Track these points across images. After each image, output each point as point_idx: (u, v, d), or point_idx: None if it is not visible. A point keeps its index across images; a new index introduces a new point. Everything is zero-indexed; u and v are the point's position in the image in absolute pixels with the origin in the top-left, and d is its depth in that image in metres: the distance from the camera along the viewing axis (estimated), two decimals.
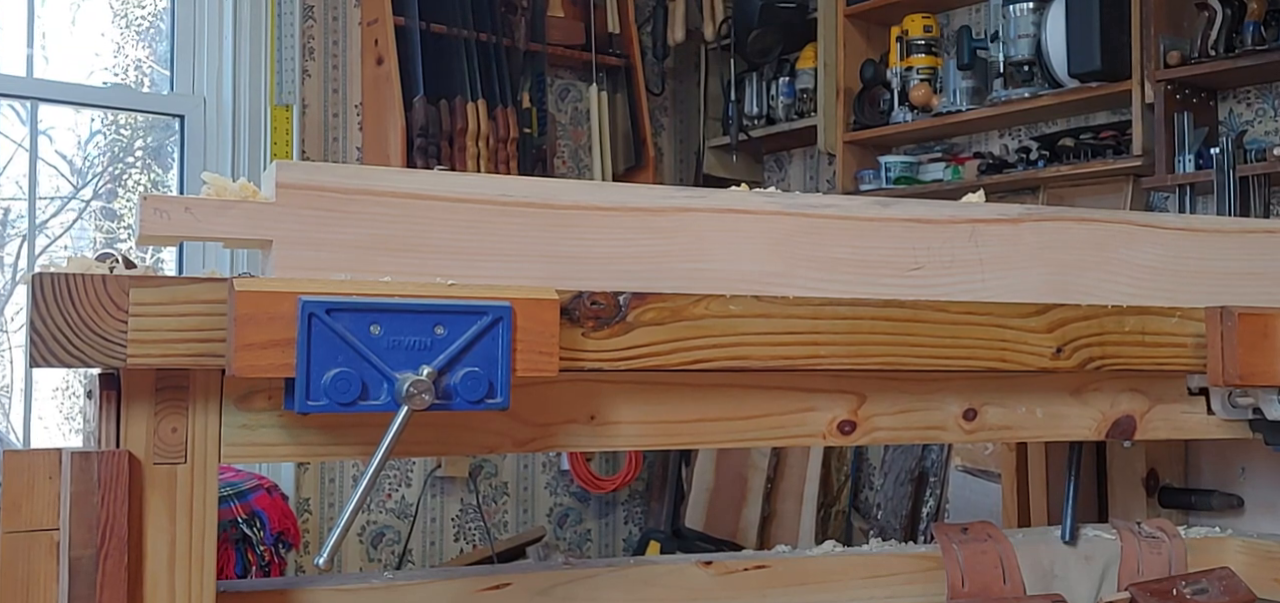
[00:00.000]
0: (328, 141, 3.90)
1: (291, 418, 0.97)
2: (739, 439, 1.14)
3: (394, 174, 1.02)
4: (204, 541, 0.95)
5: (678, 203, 1.13)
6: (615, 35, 4.34)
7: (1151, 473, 1.54)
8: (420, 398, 0.91)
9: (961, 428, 1.22)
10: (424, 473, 4.06)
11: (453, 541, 4.14)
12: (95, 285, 0.88)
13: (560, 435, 1.07)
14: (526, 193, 1.07)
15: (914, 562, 1.31)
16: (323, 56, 3.91)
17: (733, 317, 1.06)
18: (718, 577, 1.23)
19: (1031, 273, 1.26)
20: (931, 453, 3.79)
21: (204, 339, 0.90)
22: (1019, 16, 3.56)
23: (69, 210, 3.95)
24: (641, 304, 1.03)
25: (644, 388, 1.09)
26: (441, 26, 3.87)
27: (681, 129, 4.77)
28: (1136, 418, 1.30)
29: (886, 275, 1.20)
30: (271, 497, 2.98)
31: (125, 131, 4.05)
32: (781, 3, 4.25)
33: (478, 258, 1.04)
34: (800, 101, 4.34)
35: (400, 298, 0.93)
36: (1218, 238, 1.37)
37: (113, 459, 0.90)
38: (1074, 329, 1.19)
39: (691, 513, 4.30)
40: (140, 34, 4.03)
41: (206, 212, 0.96)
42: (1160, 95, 3.27)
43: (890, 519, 3.81)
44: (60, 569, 0.93)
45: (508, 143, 3.93)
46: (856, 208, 1.21)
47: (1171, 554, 1.38)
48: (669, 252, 1.11)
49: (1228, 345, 1.24)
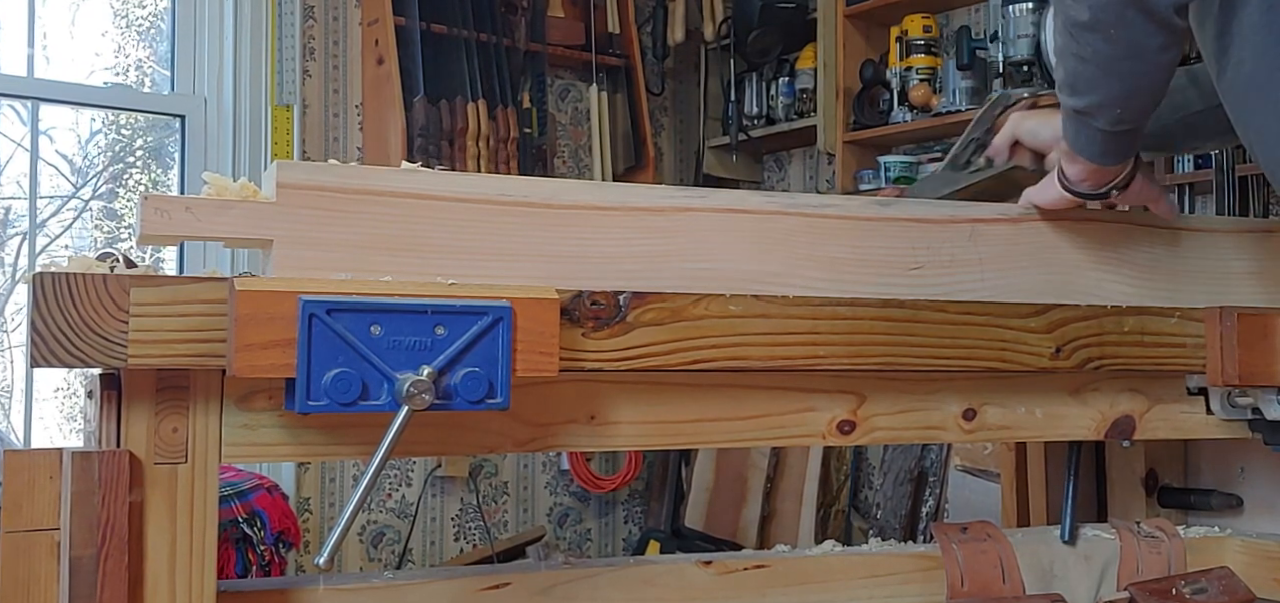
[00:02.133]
0: (328, 142, 3.90)
1: (292, 418, 0.97)
2: (739, 439, 1.14)
3: (394, 174, 1.03)
4: (204, 540, 0.96)
5: (678, 203, 1.13)
6: (615, 35, 4.34)
7: (1151, 473, 1.55)
8: (420, 398, 0.91)
9: (961, 428, 1.23)
10: (424, 473, 4.07)
11: (453, 540, 4.14)
12: (96, 285, 0.88)
13: (560, 435, 1.07)
14: (526, 193, 1.07)
15: (913, 561, 1.31)
16: (323, 57, 3.91)
17: (733, 316, 1.06)
18: (717, 576, 1.23)
19: (1031, 273, 1.26)
20: (931, 453, 3.79)
21: (204, 339, 0.90)
22: (1018, 16, 3.56)
23: (69, 210, 3.95)
24: (641, 304, 1.03)
25: (644, 388, 1.09)
26: (442, 27, 3.87)
27: (681, 129, 4.77)
28: (1136, 418, 1.30)
29: (886, 275, 1.20)
30: (272, 496, 2.98)
31: (126, 131, 4.05)
32: (781, 3, 4.25)
33: (478, 258, 1.04)
34: (800, 102, 4.34)
35: (400, 298, 0.93)
36: (1217, 238, 1.37)
37: (113, 459, 0.91)
38: (1073, 329, 1.20)
39: (691, 513, 4.30)
40: (141, 34, 4.03)
41: (207, 212, 0.96)
42: None
43: (889, 519, 3.81)
44: (61, 569, 0.94)
45: (508, 143, 3.93)
46: (856, 208, 1.21)
47: (1171, 554, 1.38)
48: (669, 252, 1.11)
49: (1227, 345, 1.24)
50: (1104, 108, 1.18)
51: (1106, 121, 1.19)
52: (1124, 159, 1.25)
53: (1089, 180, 1.25)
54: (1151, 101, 1.21)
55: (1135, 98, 1.19)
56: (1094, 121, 1.20)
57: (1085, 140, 1.22)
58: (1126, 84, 1.17)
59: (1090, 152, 1.22)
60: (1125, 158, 1.25)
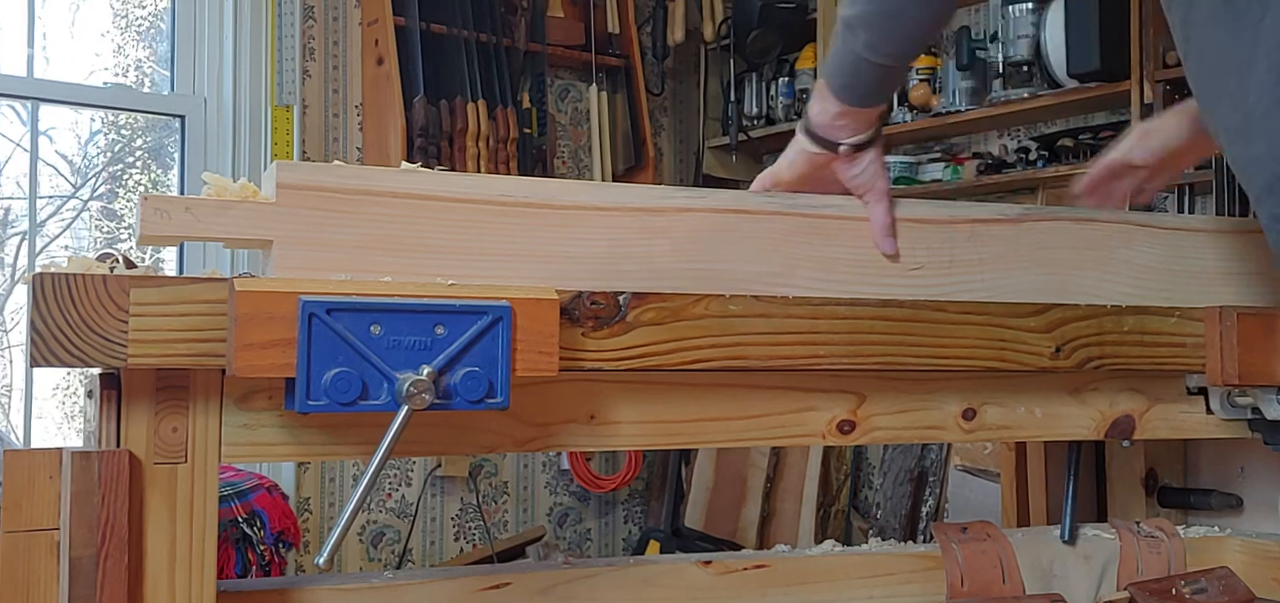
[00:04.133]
0: (328, 142, 3.90)
1: (292, 418, 0.97)
2: (739, 439, 1.14)
3: (394, 174, 1.03)
4: (204, 540, 0.96)
5: (678, 203, 1.13)
6: (615, 35, 4.34)
7: (1150, 473, 1.55)
8: (420, 398, 0.91)
9: (960, 428, 1.23)
10: (424, 473, 4.07)
11: (453, 540, 4.14)
12: (96, 285, 0.88)
13: (560, 435, 1.07)
14: (526, 193, 1.07)
15: (913, 561, 1.31)
16: (323, 57, 3.91)
17: (732, 317, 1.06)
18: (717, 576, 1.23)
19: (1031, 273, 1.26)
20: (931, 453, 3.79)
21: (204, 339, 0.90)
22: (1018, 17, 3.56)
23: (68, 210, 3.95)
24: (641, 304, 1.03)
25: (643, 388, 1.09)
26: (441, 27, 3.87)
27: (681, 129, 4.77)
28: (1135, 418, 1.30)
29: (886, 275, 1.20)
30: (272, 496, 2.98)
31: (125, 132, 4.05)
32: (781, 3, 4.25)
33: (477, 258, 1.04)
34: (800, 102, 4.34)
35: (400, 298, 0.93)
36: (1217, 238, 1.37)
37: (113, 459, 0.91)
38: (1073, 329, 1.20)
39: (691, 513, 4.30)
40: (140, 34, 4.03)
41: (207, 212, 0.96)
42: (1159, 96, 3.26)
43: (889, 519, 3.81)
44: (60, 569, 0.94)
45: (508, 143, 3.93)
46: (856, 208, 1.21)
47: (1171, 554, 1.38)
48: (669, 252, 1.11)
49: (1226, 345, 1.24)
50: (867, 23, 1.14)
51: (866, 41, 1.15)
52: (867, 101, 1.19)
53: (827, 123, 1.21)
54: (915, 31, 1.17)
55: (902, 18, 1.15)
56: (854, 39, 1.16)
57: (838, 64, 1.18)
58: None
59: (840, 76, 1.18)
60: (868, 99, 1.19)
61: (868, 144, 1.21)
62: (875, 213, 1.20)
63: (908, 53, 1.19)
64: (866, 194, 1.21)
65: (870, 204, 1.21)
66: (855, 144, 1.21)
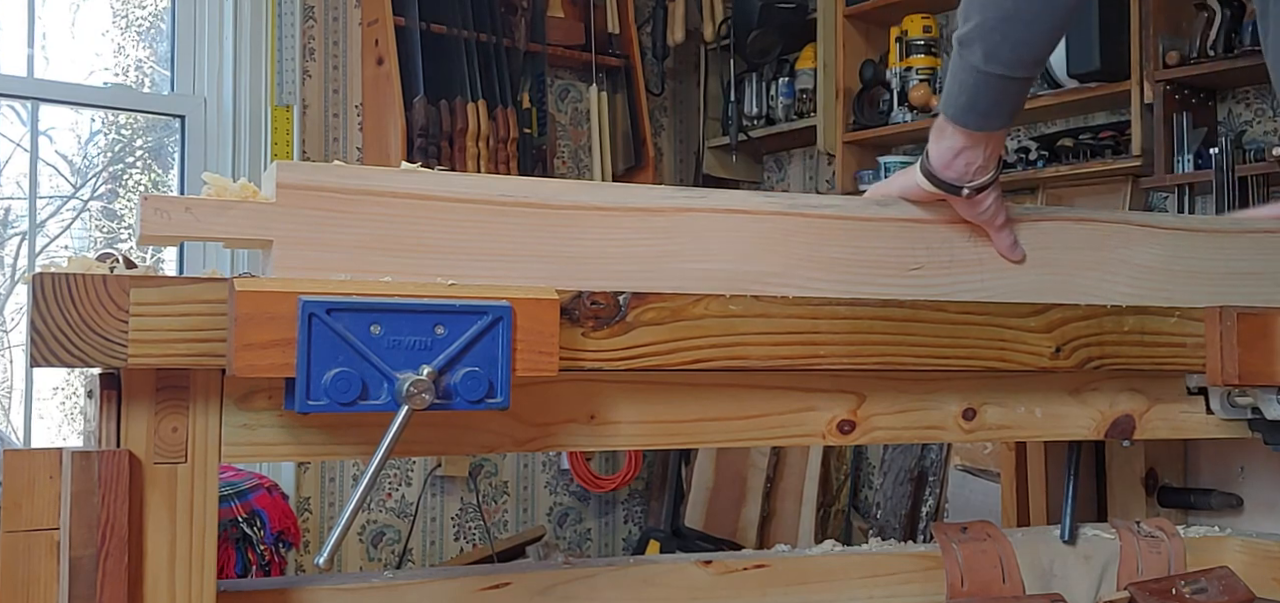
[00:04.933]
0: (328, 142, 3.91)
1: (292, 418, 0.97)
2: (739, 439, 1.14)
3: (394, 174, 1.03)
4: (204, 540, 0.96)
5: (678, 203, 1.13)
6: (615, 35, 4.34)
7: (1151, 472, 1.55)
8: (420, 398, 0.91)
9: (961, 428, 1.23)
10: (424, 472, 4.07)
11: (453, 540, 4.14)
12: (96, 285, 0.88)
13: (560, 435, 1.07)
14: (526, 193, 1.07)
15: (913, 561, 1.31)
16: (323, 57, 3.91)
17: (732, 316, 1.06)
18: (717, 576, 1.23)
19: (1031, 273, 1.26)
20: (931, 452, 3.79)
21: (204, 339, 0.90)
22: None
23: (68, 210, 3.95)
24: (641, 304, 1.03)
25: (644, 388, 1.09)
26: (441, 27, 3.87)
27: (681, 129, 4.77)
28: (1135, 418, 1.30)
29: (886, 275, 1.20)
30: (272, 496, 2.98)
31: (125, 132, 4.05)
32: (781, 3, 4.25)
33: (477, 258, 1.04)
34: (800, 102, 4.34)
35: (400, 298, 0.93)
36: (1216, 238, 1.37)
37: (113, 459, 0.91)
38: (1073, 329, 1.19)
39: (691, 512, 4.30)
40: (141, 34, 4.03)
41: (207, 212, 0.96)
42: (1159, 95, 3.27)
43: (889, 519, 3.81)
44: (60, 569, 0.94)
45: (508, 143, 3.93)
46: (856, 208, 1.21)
47: (1171, 554, 1.38)
48: (669, 252, 1.11)
49: (1227, 345, 1.24)
50: (983, 33, 1.11)
51: (983, 52, 1.11)
52: (988, 121, 1.16)
53: (948, 162, 1.17)
54: (1028, 33, 1.12)
55: (1017, 21, 1.11)
56: (970, 54, 1.12)
57: (956, 87, 1.15)
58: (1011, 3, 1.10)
59: (959, 98, 1.15)
60: (990, 119, 1.16)
61: (988, 185, 1.19)
62: (1000, 239, 1.23)
63: (1024, 58, 1.14)
64: (989, 227, 1.23)
65: (994, 234, 1.23)
66: (977, 187, 1.19)
